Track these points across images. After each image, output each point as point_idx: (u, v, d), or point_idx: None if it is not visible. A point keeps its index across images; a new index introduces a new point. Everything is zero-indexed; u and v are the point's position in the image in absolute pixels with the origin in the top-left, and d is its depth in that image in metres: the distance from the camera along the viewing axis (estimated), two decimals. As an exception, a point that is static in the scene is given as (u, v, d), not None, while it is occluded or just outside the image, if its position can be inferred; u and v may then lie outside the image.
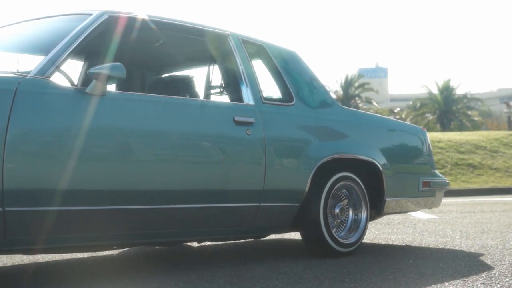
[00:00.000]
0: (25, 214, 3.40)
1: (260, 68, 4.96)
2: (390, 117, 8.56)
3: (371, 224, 7.68)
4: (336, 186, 4.96)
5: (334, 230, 4.91)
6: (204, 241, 5.22)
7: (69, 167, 3.52)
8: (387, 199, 5.30)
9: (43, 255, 5.08)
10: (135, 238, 4.11)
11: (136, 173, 3.85)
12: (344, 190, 5.09)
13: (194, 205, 4.15)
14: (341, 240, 4.93)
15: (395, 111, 61.11)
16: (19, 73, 3.55)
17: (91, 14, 4.02)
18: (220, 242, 6.02)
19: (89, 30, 3.89)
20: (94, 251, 4.60)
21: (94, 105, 3.68)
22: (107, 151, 3.76)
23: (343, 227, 5.07)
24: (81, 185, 3.60)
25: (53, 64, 3.64)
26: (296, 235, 6.31)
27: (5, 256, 4.98)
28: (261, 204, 4.49)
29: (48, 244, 3.66)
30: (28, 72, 3.55)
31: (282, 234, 6.35)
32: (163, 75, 5.67)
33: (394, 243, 5.89)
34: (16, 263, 4.76)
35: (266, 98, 4.71)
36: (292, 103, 4.89)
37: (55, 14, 4.41)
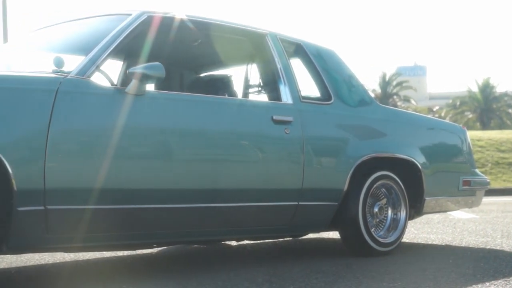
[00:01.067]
0: (66, 212, 3.44)
1: (298, 67, 4.95)
2: (429, 116, 8.48)
3: (410, 223, 7.62)
4: (375, 185, 4.94)
5: (373, 229, 4.88)
6: (242, 239, 5.24)
7: (109, 166, 3.55)
8: (426, 198, 5.26)
9: (84, 253, 5.12)
10: (174, 236, 4.13)
11: (174, 172, 3.87)
12: (383, 189, 5.06)
13: (232, 204, 4.17)
14: (380, 239, 4.91)
15: (434, 109, 60.77)
16: (60, 73, 3.59)
17: (130, 15, 4.05)
18: (258, 241, 6.02)
19: (129, 30, 3.92)
20: (134, 249, 4.65)
21: (133, 104, 3.71)
22: (146, 150, 3.79)
23: (382, 226, 5.05)
24: (121, 184, 3.64)
25: (93, 64, 3.68)
26: (334, 234, 6.30)
27: (46, 253, 5.04)
28: (300, 203, 4.49)
29: (88, 242, 3.70)
30: (69, 72, 3.59)
31: (320, 233, 6.34)
32: (202, 75, 5.69)
33: (434, 242, 5.84)
34: (58, 261, 4.81)
35: (304, 97, 4.70)
36: (331, 101, 4.87)
37: (95, 14, 4.45)
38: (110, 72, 4.44)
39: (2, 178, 3.22)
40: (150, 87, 4.18)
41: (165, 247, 5.55)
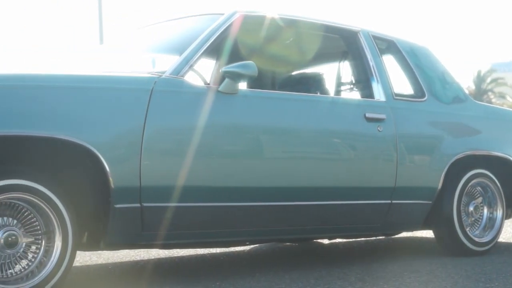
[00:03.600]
0: (161, 210, 3.51)
1: (390, 64, 4.90)
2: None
3: (507, 223, 7.44)
4: (470, 184, 4.85)
5: (468, 229, 4.80)
6: (335, 238, 5.22)
7: (202, 164, 3.60)
8: (524, 197, 5.13)
9: (178, 250, 5.20)
10: (267, 234, 4.16)
11: (267, 171, 3.89)
12: (479, 188, 4.97)
13: (325, 202, 4.16)
14: (476, 239, 4.82)
15: (531, 106, 59.07)
16: (155, 73, 3.66)
17: (222, 14, 4.09)
18: (351, 240, 5.99)
19: (221, 30, 3.96)
20: (227, 246, 4.70)
21: (226, 103, 3.75)
22: (239, 148, 3.83)
23: (478, 225, 4.95)
24: (214, 182, 3.68)
25: (187, 64, 3.74)
26: (428, 233, 6.21)
27: (142, 250, 5.14)
28: (393, 201, 4.44)
29: (182, 239, 3.77)
30: (163, 72, 3.66)
31: (414, 232, 6.26)
32: (293, 73, 5.69)
33: (532, 242, 5.70)
34: (152, 257, 4.90)
35: (397, 94, 4.65)
36: (424, 99, 4.81)
37: (188, 15, 4.51)
38: (204, 71, 4.49)
39: (100, 176, 3.31)
40: (243, 85, 4.21)
41: (257, 245, 5.59)
